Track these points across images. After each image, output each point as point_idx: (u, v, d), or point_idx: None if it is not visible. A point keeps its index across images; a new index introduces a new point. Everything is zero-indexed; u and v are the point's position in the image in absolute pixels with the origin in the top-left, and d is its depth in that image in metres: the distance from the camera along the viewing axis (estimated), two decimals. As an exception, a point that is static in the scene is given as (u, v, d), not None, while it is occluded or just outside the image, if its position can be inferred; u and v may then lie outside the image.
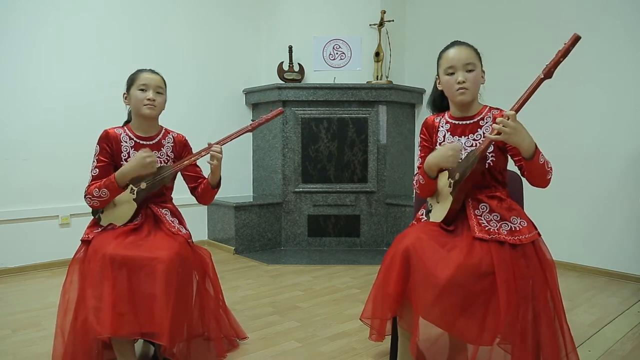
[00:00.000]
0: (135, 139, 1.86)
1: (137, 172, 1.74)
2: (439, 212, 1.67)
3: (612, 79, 3.06)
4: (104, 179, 1.75)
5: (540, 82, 1.43)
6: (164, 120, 1.96)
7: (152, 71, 1.87)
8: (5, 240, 3.13)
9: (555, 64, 1.40)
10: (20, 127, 3.16)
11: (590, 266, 3.20)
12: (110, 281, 1.57)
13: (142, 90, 1.81)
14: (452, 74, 1.61)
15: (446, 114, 1.74)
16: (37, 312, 2.42)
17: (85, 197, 1.77)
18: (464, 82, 1.59)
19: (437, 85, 1.73)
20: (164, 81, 1.89)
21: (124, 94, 1.87)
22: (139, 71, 1.86)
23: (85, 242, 1.77)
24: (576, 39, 1.37)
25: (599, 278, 3.09)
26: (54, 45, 3.28)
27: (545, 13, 3.36)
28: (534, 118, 1.56)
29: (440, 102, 1.80)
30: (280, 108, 1.98)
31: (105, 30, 3.50)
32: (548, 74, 1.42)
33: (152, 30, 3.74)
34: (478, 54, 1.65)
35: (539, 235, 1.58)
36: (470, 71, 1.59)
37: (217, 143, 1.82)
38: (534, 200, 2.07)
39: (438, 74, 1.69)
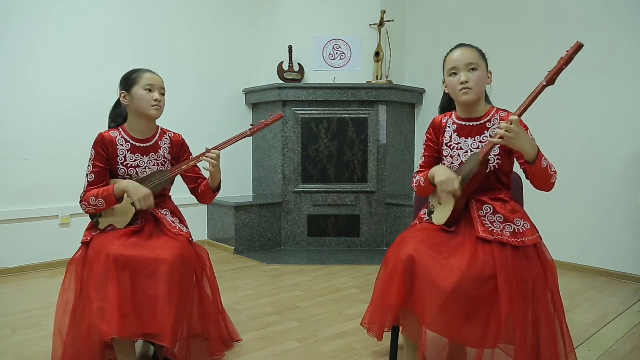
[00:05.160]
0: (131, 141, 1.83)
1: (129, 194, 1.72)
2: (441, 214, 1.67)
3: (612, 78, 3.06)
4: (102, 189, 1.73)
5: (542, 89, 1.43)
6: (164, 120, 1.95)
7: (154, 72, 1.84)
8: (5, 240, 3.13)
9: (558, 71, 1.40)
10: (20, 127, 3.16)
11: (590, 266, 3.20)
12: (114, 282, 1.57)
13: (148, 90, 1.78)
14: (456, 74, 1.62)
15: (453, 114, 1.74)
16: (37, 312, 2.42)
17: (80, 203, 1.76)
18: (466, 82, 1.59)
19: (444, 89, 1.73)
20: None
21: (122, 93, 1.81)
22: (141, 71, 1.82)
23: (85, 244, 1.76)
24: (579, 47, 1.37)
25: (599, 278, 3.09)
26: (54, 45, 3.27)
27: (546, 12, 3.36)
28: (534, 118, 1.56)
29: (449, 108, 1.80)
30: (280, 113, 1.96)
31: (105, 30, 3.49)
32: (550, 81, 1.42)
33: (152, 30, 3.74)
34: (482, 55, 1.65)
35: (540, 239, 1.59)
36: (473, 70, 1.60)
37: (215, 148, 1.81)
38: (534, 201, 2.07)
39: (444, 77, 1.70)
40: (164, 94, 1.83)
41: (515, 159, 1.65)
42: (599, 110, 3.13)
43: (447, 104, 1.80)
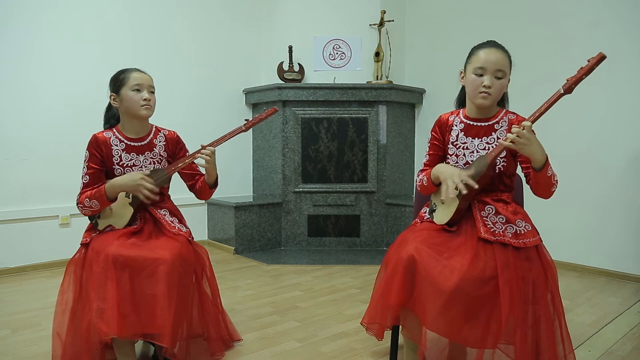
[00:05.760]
0: (125, 141, 1.83)
1: (127, 189, 1.72)
2: (443, 214, 1.66)
3: (612, 78, 3.05)
4: (95, 189, 1.73)
5: (559, 97, 1.41)
6: (164, 120, 1.95)
7: (141, 70, 1.83)
8: (5, 240, 3.13)
9: (577, 81, 1.38)
10: (20, 127, 3.16)
11: (590, 266, 3.20)
12: (113, 282, 1.57)
13: (136, 90, 1.77)
14: (481, 75, 1.57)
15: (461, 113, 1.72)
16: (37, 312, 2.42)
17: (77, 205, 1.76)
18: (489, 87, 1.56)
19: (460, 80, 1.69)
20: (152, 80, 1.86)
21: (112, 95, 1.81)
22: (129, 71, 1.81)
23: (84, 245, 1.76)
24: (601, 58, 1.35)
25: (599, 278, 3.09)
26: (54, 45, 3.27)
27: (546, 12, 3.36)
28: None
29: (465, 102, 1.75)
30: (274, 107, 1.96)
31: (105, 30, 3.49)
32: (568, 90, 1.40)
33: (152, 30, 3.73)
34: (510, 62, 1.62)
35: (541, 240, 1.59)
36: (498, 78, 1.57)
37: (210, 144, 1.80)
38: (534, 201, 2.06)
39: (465, 69, 1.65)
40: (153, 92, 1.82)
41: (518, 163, 1.65)
42: (599, 110, 3.13)
43: (465, 98, 1.75)
